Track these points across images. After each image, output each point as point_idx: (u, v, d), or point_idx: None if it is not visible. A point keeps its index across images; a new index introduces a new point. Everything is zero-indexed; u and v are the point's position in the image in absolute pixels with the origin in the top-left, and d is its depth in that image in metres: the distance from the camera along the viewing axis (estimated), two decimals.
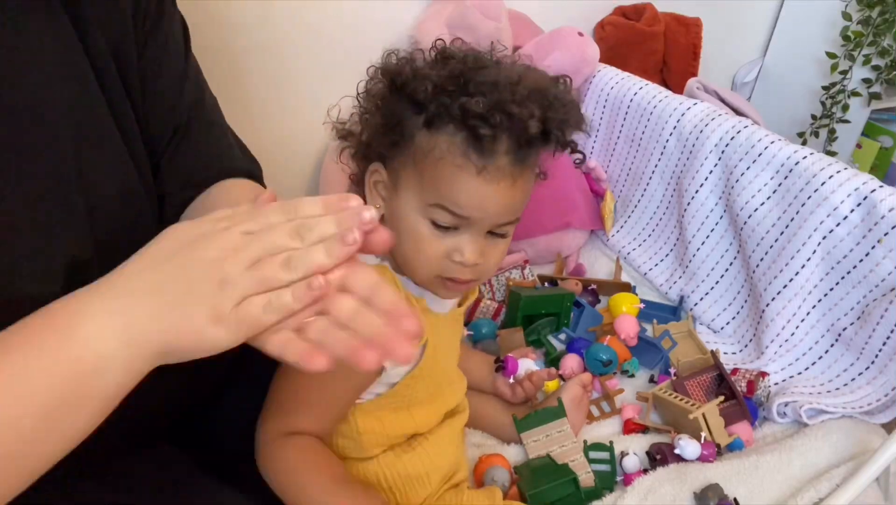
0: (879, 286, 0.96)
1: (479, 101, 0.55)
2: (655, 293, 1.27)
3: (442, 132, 0.58)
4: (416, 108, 0.59)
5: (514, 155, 0.58)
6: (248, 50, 1.22)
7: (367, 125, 0.63)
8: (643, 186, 1.33)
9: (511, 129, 0.56)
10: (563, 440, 0.86)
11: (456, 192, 0.58)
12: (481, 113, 0.55)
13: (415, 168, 0.60)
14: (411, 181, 0.60)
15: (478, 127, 0.55)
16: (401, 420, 0.70)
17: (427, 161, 0.58)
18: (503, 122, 0.55)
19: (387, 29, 1.36)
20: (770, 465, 0.84)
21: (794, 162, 1.05)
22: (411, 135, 0.59)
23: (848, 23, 1.67)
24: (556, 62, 1.36)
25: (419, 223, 0.61)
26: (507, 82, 0.57)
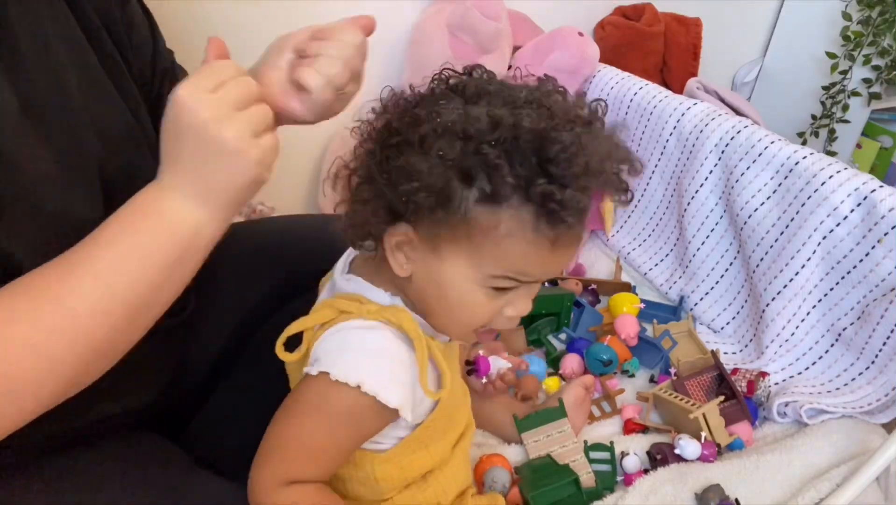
0: (879, 286, 0.96)
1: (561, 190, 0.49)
2: (655, 293, 1.27)
3: (505, 207, 0.51)
4: (465, 179, 0.51)
5: (583, 216, 0.53)
6: (247, 50, 1.21)
7: (391, 181, 0.53)
8: (643, 186, 1.33)
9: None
10: (563, 440, 0.86)
11: (528, 266, 0.54)
12: (563, 200, 0.49)
13: (470, 242, 0.53)
14: (463, 253, 0.54)
15: (557, 211, 0.50)
16: (419, 460, 0.66)
17: (489, 238, 0.52)
18: (584, 200, 0.51)
19: (387, 29, 1.36)
20: (771, 465, 0.84)
21: (794, 162, 1.05)
22: (464, 209, 0.51)
23: (848, 23, 1.67)
24: (556, 62, 1.36)
25: (475, 292, 0.56)
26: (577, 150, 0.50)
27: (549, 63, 1.36)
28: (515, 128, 0.50)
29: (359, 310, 0.57)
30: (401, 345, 0.57)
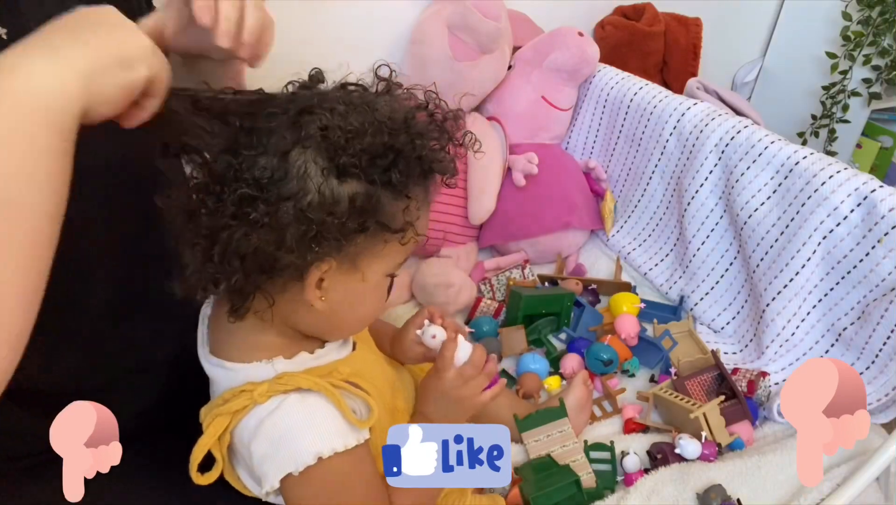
0: (879, 286, 0.96)
1: (423, 146, 0.53)
2: (656, 293, 1.27)
3: (415, 193, 0.54)
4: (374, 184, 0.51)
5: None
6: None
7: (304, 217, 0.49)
8: (643, 186, 1.33)
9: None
10: (563, 440, 0.86)
11: (426, 230, 0.58)
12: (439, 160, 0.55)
13: (384, 243, 0.54)
14: (378, 256, 0.55)
15: (441, 171, 0.56)
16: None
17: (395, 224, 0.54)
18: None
19: (387, 29, 1.36)
20: (772, 465, 0.84)
21: (794, 162, 1.06)
22: (381, 210, 0.52)
23: (848, 23, 1.67)
24: (556, 62, 1.36)
25: (382, 284, 0.58)
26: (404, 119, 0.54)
27: (549, 63, 1.36)
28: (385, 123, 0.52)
29: (252, 400, 0.54)
30: (308, 398, 0.55)
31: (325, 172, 0.49)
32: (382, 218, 0.52)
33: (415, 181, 0.54)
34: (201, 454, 0.55)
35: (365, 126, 0.51)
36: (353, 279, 0.55)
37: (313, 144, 0.50)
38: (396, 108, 0.54)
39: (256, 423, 0.54)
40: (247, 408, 0.55)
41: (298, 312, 0.56)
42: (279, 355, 0.57)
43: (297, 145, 0.50)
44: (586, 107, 1.44)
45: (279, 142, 0.49)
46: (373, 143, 0.50)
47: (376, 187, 0.51)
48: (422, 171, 0.54)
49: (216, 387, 0.59)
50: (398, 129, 0.52)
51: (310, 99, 0.53)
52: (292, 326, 0.58)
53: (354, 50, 1.33)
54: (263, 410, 0.54)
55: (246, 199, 0.48)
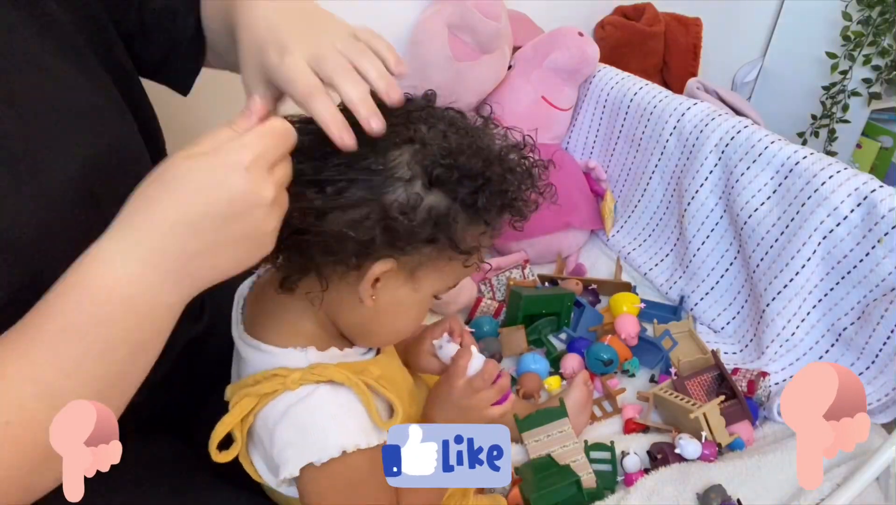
0: (879, 286, 0.96)
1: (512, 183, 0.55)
2: (656, 293, 1.27)
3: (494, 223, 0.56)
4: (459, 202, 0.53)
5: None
6: None
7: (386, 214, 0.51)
8: (643, 186, 1.33)
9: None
10: (564, 440, 0.86)
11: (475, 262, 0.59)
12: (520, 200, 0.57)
13: (448, 260, 0.55)
14: (436, 272, 0.56)
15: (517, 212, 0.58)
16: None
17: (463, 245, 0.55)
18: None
19: (387, 29, 1.35)
20: (772, 465, 0.84)
21: (794, 162, 1.06)
22: (458, 233, 0.54)
23: (848, 23, 1.67)
24: (556, 62, 1.36)
25: (428, 301, 0.59)
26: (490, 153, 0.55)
27: (549, 63, 1.36)
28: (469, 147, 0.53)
29: (283, 385, 0.55)
30: (339, 392, 0.56)
31: (415, 177, 0.51)
32: (454, 236, 0.53)
33: (497, 213, 0.55)
34: (224, 432, 0.56)
35: (464, 147, 0.53)
36: (406, 287, 0.56)
37: (413, 148, 0.52)
38: (495, 141, 0.56)
39: (284, 408, 0.55)
40: (276, 392, 0.55)
41: (344, 307, 0.57)
42: (313, 346, 0.58)
43: (400, 144, 0.51)
44: (586, 107, 1.44)
45: (385, 137, 0.51)
46: (468, 163, 0.52)
47: (458, 205, 0.52)
48: (502, 205, 0.55)
49: (246, 367, 0.59)
50: (493, 159, 0.54)
51: (421, 108, 0.55)
52: (333, 320, 0.59)
53: None
54: (293, 397, 0.55)
55: (335, 177, 0.50)
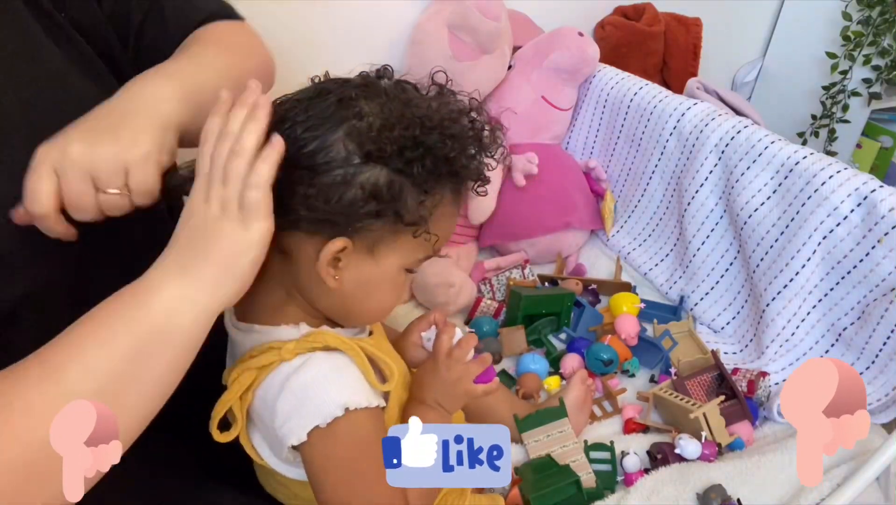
0: (879, 286, 0.96)
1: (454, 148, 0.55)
2: (656, 293, 1.27)
3: (437, 191, 0.56)
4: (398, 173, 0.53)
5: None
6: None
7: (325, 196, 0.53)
8: (643, 186, 1.33)
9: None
10: (563, 440, 0.86)
11: (446, 237, 0.59)
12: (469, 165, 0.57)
13: (407, 235, 0.56)
14: (399, 247, 0.57)
15: (468, 176, 0.57)
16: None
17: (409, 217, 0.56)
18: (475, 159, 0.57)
19: (387, 29, 1.36)
20: (772, 465, 0.84)
21: (794, 162, 1.06)
22: (410, 207, 0.54)
23: (848, 23, 1.67)
24: (556, 62, 1.36)
25: (400, 277, 0.59)
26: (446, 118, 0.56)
27: (549, 63, 1.36)
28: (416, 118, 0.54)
29: (279, 356, 0.56)
30: (334, 357, 0.57)
31: (350, 155, 0.52)
32: (399, 209, 0.53)
33: (440, 181, 0.55)
34: (223, 410, 0.56)
35: (399, 119, 0.53)
36: (367, 264, 0.56)
37: (347, 127, 0.52)
38: (437, 109, 0.55)
39: (282, 379, 0.55)
40: (273, 364, 0.56)
41: (315, 290, 0.58)
42: (304, 322, 0.59)
43: (334, 125, 0.52)
44: (586, 107, 1.44)
45: (319, 118, 0.53)
46: (403, 135, 0.52)
47: (397, 176, 0.53)
48: (449, 171, 0.55)
49: (240, 349, 0.60)
50: (433, 127, 0.54)
51: (356, 87, 0.55)
52: (312, 303, 0.60)
53: (355, 50, 1.33)
54: (290, 368, 0.55)
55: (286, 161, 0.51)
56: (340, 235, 0.54)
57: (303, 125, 0.53)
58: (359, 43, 1.33)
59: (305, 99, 0.55)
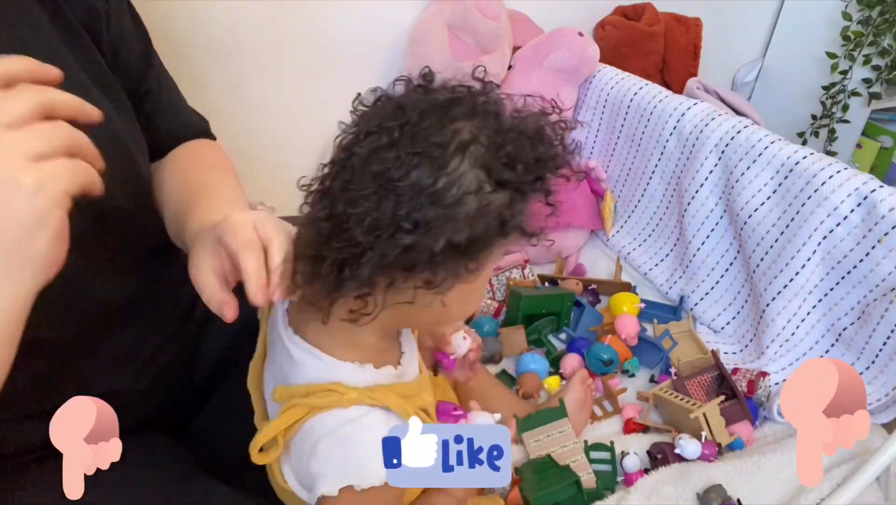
0: (879, 286, 0.96)
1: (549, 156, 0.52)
2: (656, 293, 1.27)
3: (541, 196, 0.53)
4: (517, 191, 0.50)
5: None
6: (246, 50, 1.22)
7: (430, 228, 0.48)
8: (643, 186, 1.33)
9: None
10: (564, 441, 0.86)
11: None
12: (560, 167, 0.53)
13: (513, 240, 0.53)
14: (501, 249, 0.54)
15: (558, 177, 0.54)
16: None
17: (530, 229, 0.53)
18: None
19: (387, 29, 1.36)
20: (772, 465, 0.84)
21: (794, 162, 1.06)
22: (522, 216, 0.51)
23: (848, 23, 1.67)
24: (556, 62, 1.36)
25: (482, 289, 0.58)
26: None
27: (549, 63, 1.36)
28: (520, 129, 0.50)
29: (338, 402, 0.53)
30: (391, 419, 0.54)
31: (482, 183, 0.48)
32: (522, 224, 0.51)
33: (542, 188, 0.52)
34: (270, 436, 0.54)
35: (501, 134, 0.49)
36: (472, 279, 0.53)
37: (469, 156, 0.48)
38: (524, 118, 0.52)
39: (335, 424, 0.53)
40: (328, 407, 0.54)
41: (416, 311, 0.53)
42: (370, 362, 0.56)
43: (455, 153, 0.47)
44: (586, 107, 1.44)
45: (433, 146, 0.47)
46: (521, 155, 0.49)
47: (517, 194, 0.49)
48: (553, 175, 0.53)
49: (299, 372, 0.56)
50: (530, 137, 0.50)
51: (445, 106, 0.50)
52: (402, 324, 0.57)
53: (355, 49, 1.33)
54: (344, 415, 0.53)
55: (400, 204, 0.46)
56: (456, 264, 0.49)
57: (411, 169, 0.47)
58: (359, 43, 1.33)
59: (395, 126, 0.48)
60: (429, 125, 0.48)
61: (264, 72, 1.25)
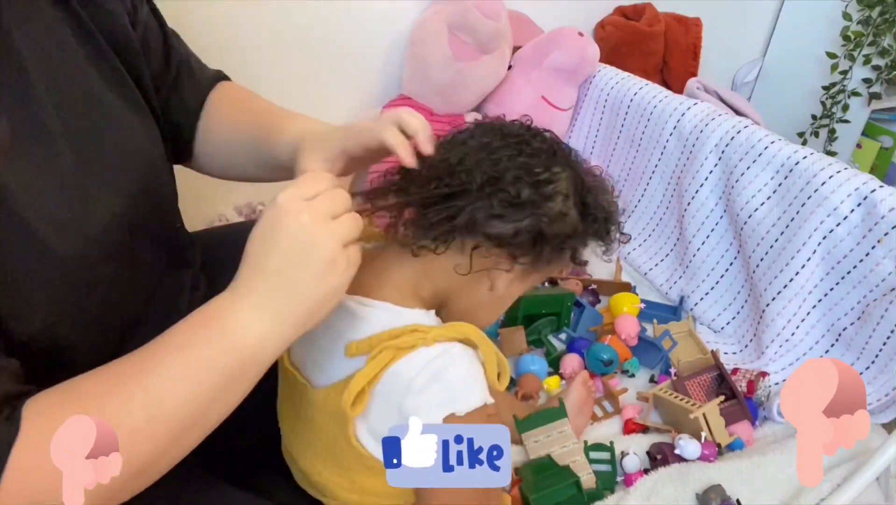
0: (879, 286, 0.96)
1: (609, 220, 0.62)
2: (656, 293, 1.27)
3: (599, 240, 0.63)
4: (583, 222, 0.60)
5: None
6: (246, 50, 1.22)
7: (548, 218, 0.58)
8: (643, 186, 1.33)
9: None
10: (563, 441, 0.86)
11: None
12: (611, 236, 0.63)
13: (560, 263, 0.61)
14: (544, 272, 0.62)
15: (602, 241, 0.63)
16: None
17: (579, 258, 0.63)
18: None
19: (387, 29, 1.36)
20: (772, 465, 0.84)
21: (794, 162, 1.06)
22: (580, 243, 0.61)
23: (848, 23, 1.67)
24: (556, 62, 1.36)
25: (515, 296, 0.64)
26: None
27: (549, 63, 1.36)
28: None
29: (423, 340, 0.56)
30: (468, 351, 0.58)
31: (570, 196, 0.58)
32: (578, 252, 0.61)
33: (594, 237, 0.62)
34: (363, 383, 0.56)
35: (598, 183, 0.62)
36: (518, 283, 0.61)
37: (569, 173, 0.59)
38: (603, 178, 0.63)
39: (423, 361, 0.55)
40: (415, 346, 0.56)
41: (465, 289, 0.60)
42: (431, 309, 0.61)
43: (558, 164, 0.58)
44: (586, 107, 1.44)
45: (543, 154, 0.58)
46: (601, 197, 0.61)
47: (588, 227, 0.60)
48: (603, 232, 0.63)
49: (368, 325, 0.59)
50: (609, 195, 0.62)
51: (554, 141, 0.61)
52: (445, 296, 0.62)
53: (355, 49, 1.33)
54: (430, 352, 0.56)
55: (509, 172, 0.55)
56: (527, 254, 0.57)
57: (527, 154, 0.57)
58: (359, 42, 1.33)
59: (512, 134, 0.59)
60: (544, 140, 0.60)
61: (264, 72, 1.25)
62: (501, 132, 0.59)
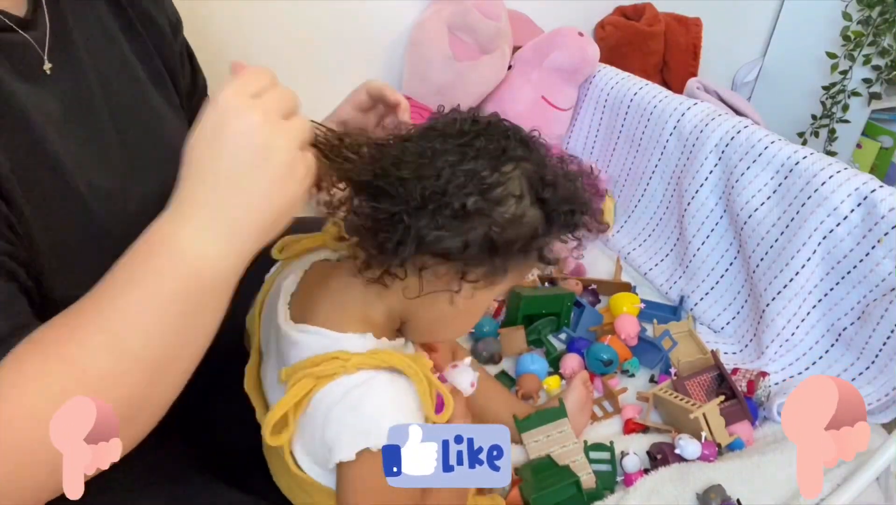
0: (879, 286, 0.96)
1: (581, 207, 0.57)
2: (656, 293, 1.27)
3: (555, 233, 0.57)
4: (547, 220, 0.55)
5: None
6: (246, 50, 1.22)
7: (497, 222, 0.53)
8: (643, 186, 1.33)
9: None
10: (563, 441, 0.86)
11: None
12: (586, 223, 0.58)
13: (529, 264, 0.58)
14: (514, 276, 0.57)
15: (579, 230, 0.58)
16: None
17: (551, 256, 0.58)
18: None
19: (387, 29, 1.36)
20: (772, 465, 0.84)
21: (794, 162, 1.06)
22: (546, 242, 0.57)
23: (848, 23, 1.67)
24: (556, 62, 1.36)
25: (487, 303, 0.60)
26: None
27: (549, 63, 1.36)
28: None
29: (343, 368, 0.54)
30: (397, 380, 0.55)
31: (524, 194, 0.53)
32: (545, 251, 0.56)
33: (568, 230, 0.58)
34: (281, 413, 0.54)
35: (560, 171, 0.56)
36: (485, 291, 0.56)
37: (523, 167, 0.54)
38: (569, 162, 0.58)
39: (342, 392, 0.53)
40: (335, 375, 0.54)
41: (426, 303, 0.56)
42: (371, 332, 0.57)
43: (508, 162, 0.53)
44: (586, 107, 1.44)
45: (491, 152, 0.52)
46: (565, 186, 0.55)
47: (551, 223, 0.55)
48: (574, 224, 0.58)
49: (300, 351, 0.57)
50: (578, 184, 0.57)
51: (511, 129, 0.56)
52: (406, 314, 0.59)
53: (355, 49, 1.33)
54: (350, 381, 0.54)
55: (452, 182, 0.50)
56: (483, 265, 0.53)
57: (471, 158, 0.52)
58: (359, 42, 1.33)
59: (455, 134, 0.53)
60: (492, 136, 0.53)
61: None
62: (443, 135, 0.53)
